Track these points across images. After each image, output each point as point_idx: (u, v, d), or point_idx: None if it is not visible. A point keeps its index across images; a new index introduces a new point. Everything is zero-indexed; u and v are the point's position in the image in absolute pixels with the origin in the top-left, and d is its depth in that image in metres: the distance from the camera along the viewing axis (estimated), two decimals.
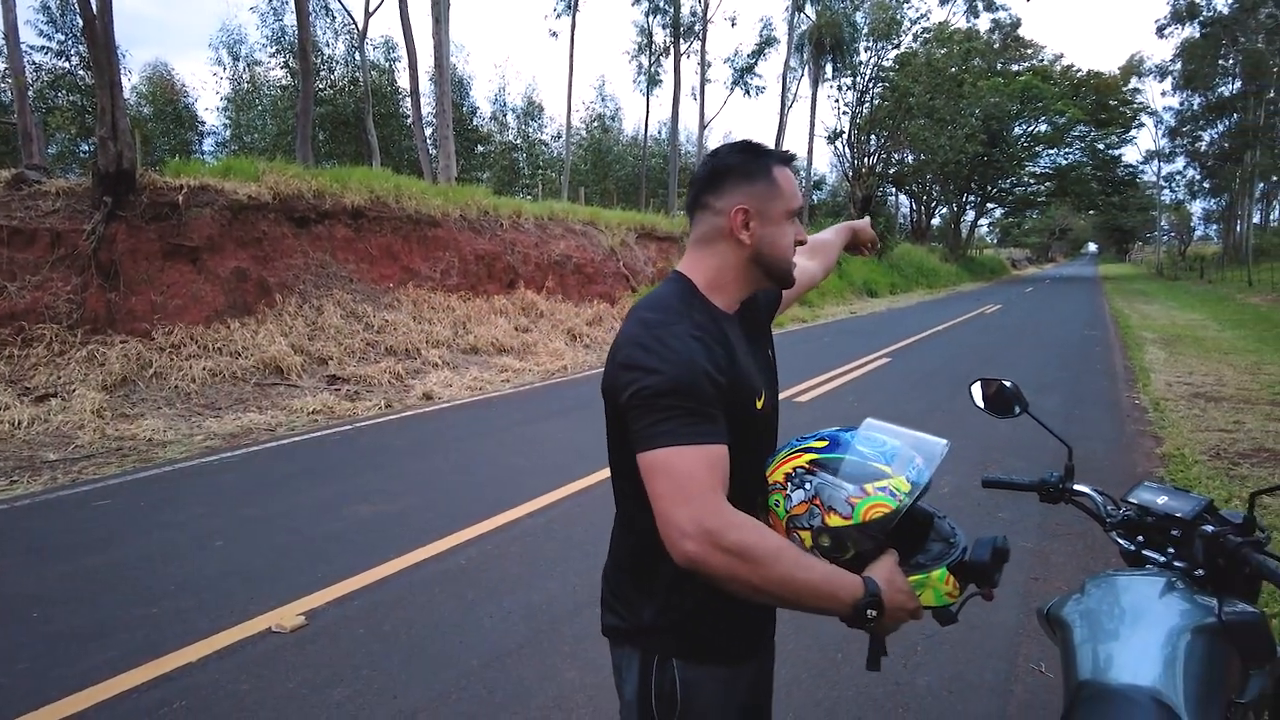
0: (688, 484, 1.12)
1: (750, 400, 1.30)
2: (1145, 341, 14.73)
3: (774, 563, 1.11)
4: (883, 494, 1.19)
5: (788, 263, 1.38)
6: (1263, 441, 6.77)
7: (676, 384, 1.17)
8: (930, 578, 1.23)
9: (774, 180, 1.33)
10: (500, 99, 36.23)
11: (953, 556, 1.25)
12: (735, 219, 1.31)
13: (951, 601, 1.26)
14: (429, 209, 12.78)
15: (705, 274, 1.36)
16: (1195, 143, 50.41)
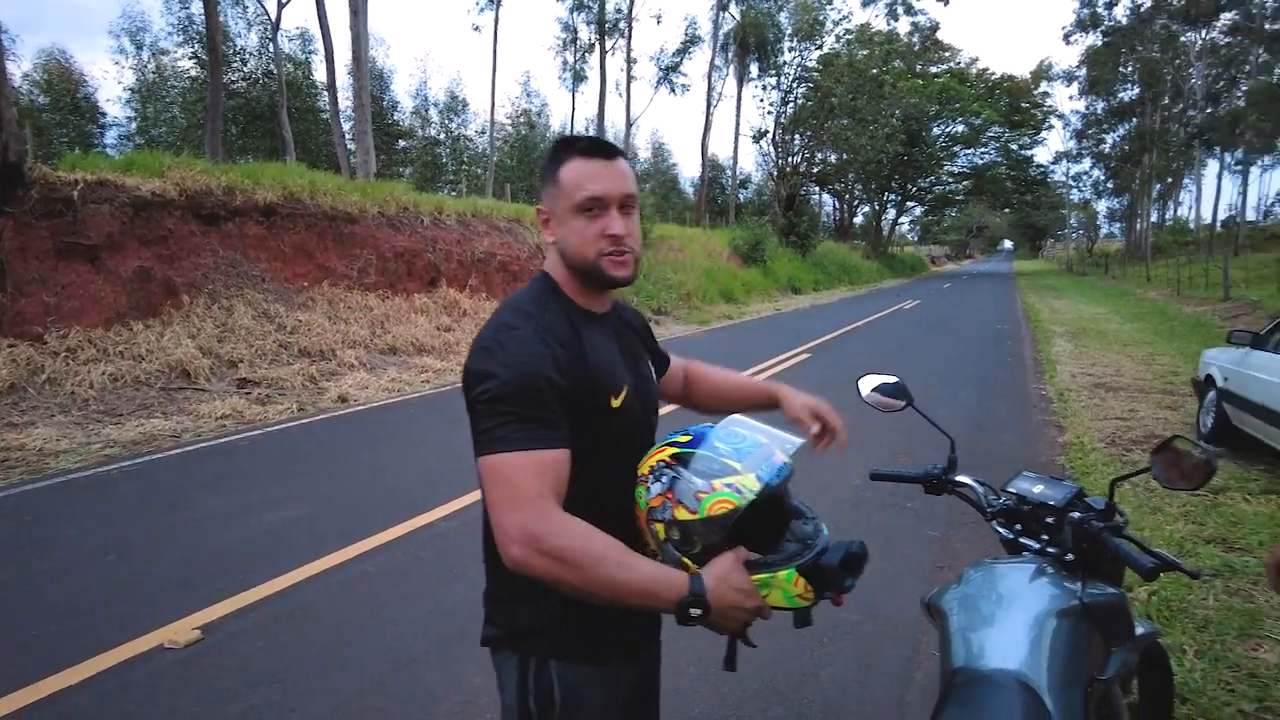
0: (516, 489, 1.13)
1: (604, 398, 1.28)
2: (1053, 335, 15.38)
3: (594, 566, 1.11)
4: (729, 490, 1.18)
5: (585, 260, 1.30)
6: (1153, 428, 7.13)
7: (512, 389, 1.17)
8: (776, 578, 1.21)
9: (558, 178, 1.30)
10: (422, 93, 35.60)
11: (803, 559, 1.23)
12: (540, 222, 1.36)
13: (803, 604, 1.24)
14: (346, 205, 12.44)
15: (556, 272, 1.37)
16: (1099, 145, 52.98)
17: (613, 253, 1.28)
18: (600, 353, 1.32)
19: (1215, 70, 37.16)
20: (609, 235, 1.28)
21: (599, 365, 1.29)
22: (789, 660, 3.10)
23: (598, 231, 1.28)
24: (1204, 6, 35.03)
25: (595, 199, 1.27)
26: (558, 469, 1.17)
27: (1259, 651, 3.17)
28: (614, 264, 1.30)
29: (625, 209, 1.30)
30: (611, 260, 1.29)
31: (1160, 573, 1.50)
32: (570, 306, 1.34)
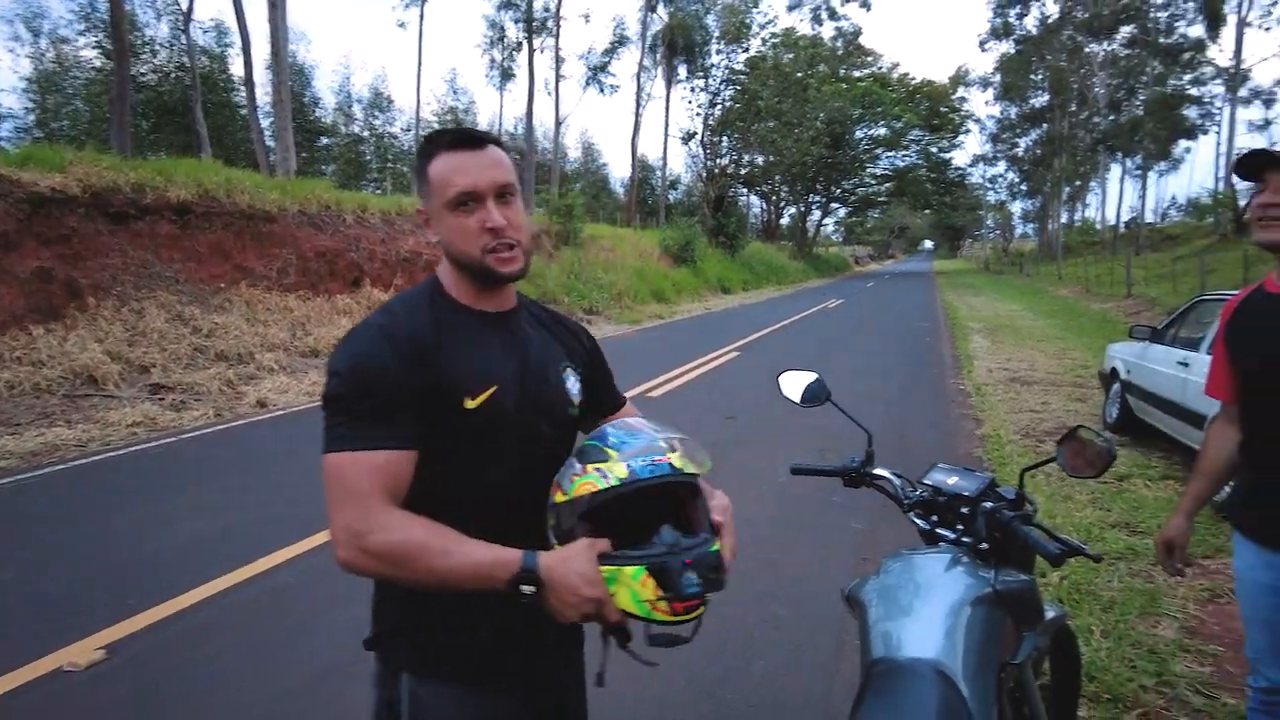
0: (344, 490, 1.13)
1: (457, 398, 1.21)
2: (971, 331, 15.93)
3: (417, 559, 1.11)
4: (596, 474, 1.16)
5: (471, 258, 1.24)
6: (1065, 420, 7.45)
7: (348, 387, 1.16)
8: (624, 573, 1.12)
9: (428, 176, 1.26)
10: (345, 90, 34.66)
11: (651, 555, 1.13)
12: (423, 224, 1.32)
13: (650, 612, 1.13)
14: (265, 204, 12.02)
15: (444, 272, 1.34)
16: (1013, 148, 55.12)
17: (496, 247, 1.22)
18: (463, 351, 1.25)
19: (1116, 80, 39.10)
20: (489, 229, 1.22)
21: (456, 364, 1.23)
22: (719, 658, 3.12)
23: (477, 227, 1.22)
24: (1105, 20, 36.86)
25: (466, 193, 1.21)
26: (393, 469, 1.15)
27: (1158, 629, 3.34)
28: (500, 260, 1.24)
29: (503, 199, 1.24)
30: (497, 257, 1.23)
31: (1066, 558, 1.56)
32: (448, 306, 1.29)
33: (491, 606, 1.17)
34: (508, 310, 1.36)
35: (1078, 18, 38.96)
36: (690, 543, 1.16)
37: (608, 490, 1.15)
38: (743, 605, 3.57)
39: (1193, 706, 2.79)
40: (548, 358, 1.39)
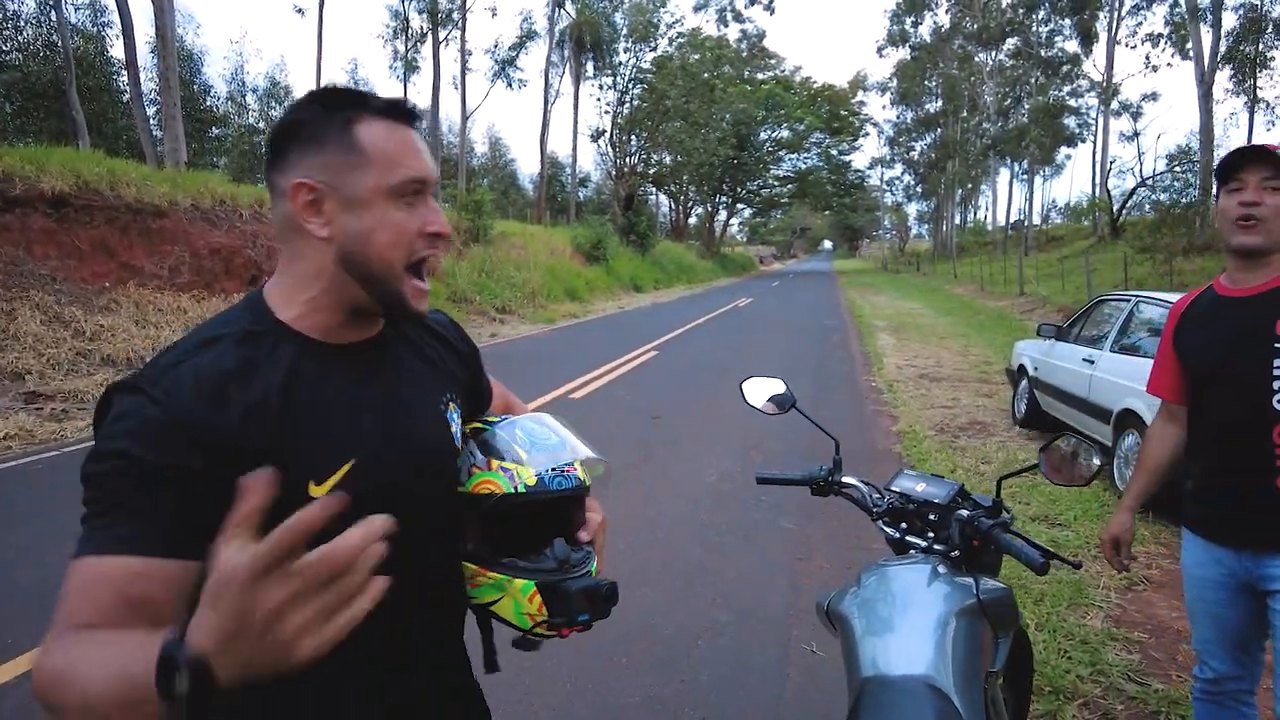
0: (57, 609, 0.77)
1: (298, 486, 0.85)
2: (877, 329, 16.43)
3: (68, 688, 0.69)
4: (503, 476, 1.06)
5: (388, 266, 0.90)
6: (975, 415, 7.73)
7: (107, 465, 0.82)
8: (514, 585, 1.05)
9: (356, 142, 0.88)
10: (239, 78, 33.00)
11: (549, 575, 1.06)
12: (298, 201, 0.88)
13: (530, 625, 1.06)
14: (153, 197, 11.25)
15: (281, 286, 0.94)
16: (909, 152, 57.44)
17: (424, 259, 0.94)
18: (310, 412, 0.90)
19: (1004, 89, 41.17)
20: (430, 233, 0.92)
21: (299, 434, 0.88)
22: (667, 667, 3.05)
23: (418, 229, 0.91)
24: (992, 32, 38.75)
25: (419, 181, 0.91)
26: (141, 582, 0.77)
27: (1087, 619, 3.45)
28: (418, 292, 0.94)
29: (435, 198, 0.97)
30: (416, 287, 0.94)
31: (1050, 566, 1.55)
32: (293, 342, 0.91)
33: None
34: (374, 336, 1.00)
35: (968, 28, 40.85)
36: (578, 558, 1.09)
37: (515, 496, 1.05)
38: (685, 614, 3.51)
39: (1127, 694, 2.88)
40: (426, 395, 1.06)
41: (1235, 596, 1.90)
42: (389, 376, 1.00)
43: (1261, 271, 1.81)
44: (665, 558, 4.14)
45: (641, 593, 3.70)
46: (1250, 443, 1.79)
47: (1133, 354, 5.39)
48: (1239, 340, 1.82)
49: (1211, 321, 1.91)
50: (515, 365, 11.01)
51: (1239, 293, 1.85)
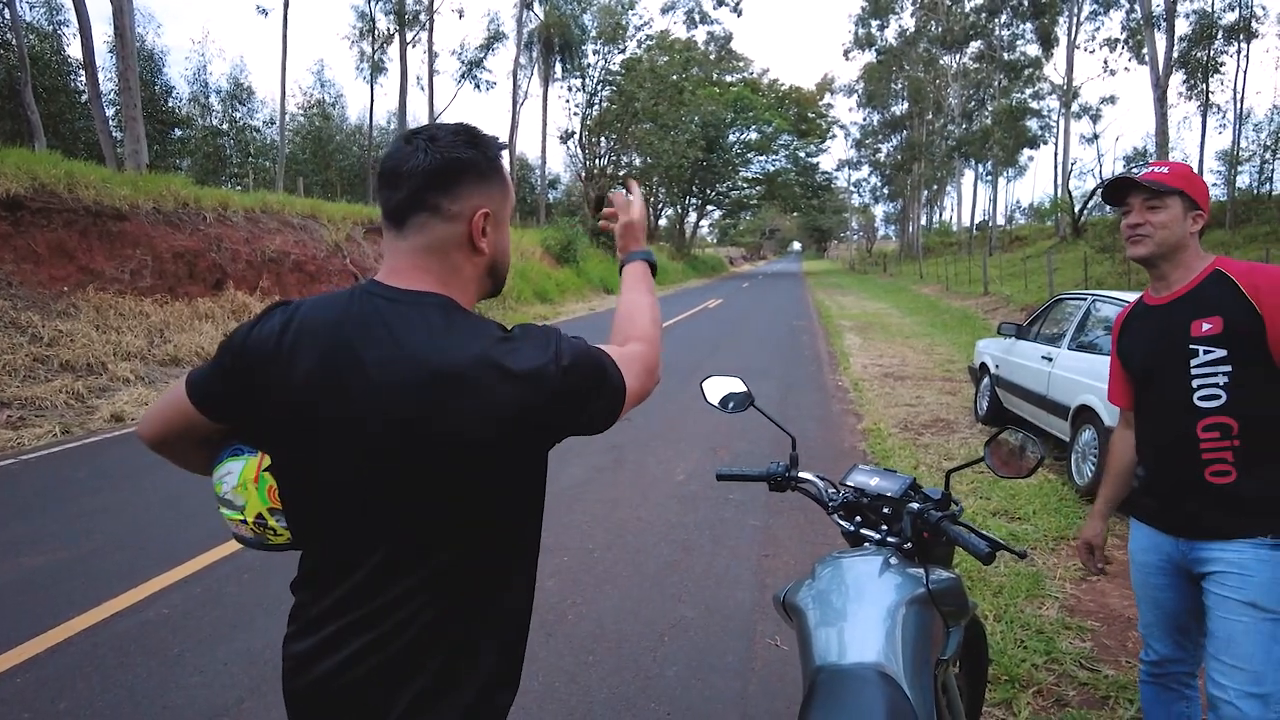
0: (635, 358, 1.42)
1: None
2: (844, 329, 16.61)
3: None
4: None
5: (505, 270, 1.25)
6: (939, 413, 7.87)
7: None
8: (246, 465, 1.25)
9: (505, 178, 1.18)
10: (201, 78, 32.38)
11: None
12: (477, 225, 1.11)
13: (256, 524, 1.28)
14: (114, 200, 11.05)
15: (459, 293, 1.14)
16: (876, 154, 58.16)
17: None
18: None
19: (968, 91, 41.83)
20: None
21: None
22: (632, 664, 3.08)
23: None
24: (956, 35, 39.33)
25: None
26: None
27: (1043, 609, 3.55)
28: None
29: None
30: None
31: (996, 555, 1.61)
32: None
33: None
34: None
35: (932, 32, 41.44)
36: None
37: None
38: (652, 611, 3.54)
39: (1079, 680, 2.97)
40: None
41: (1174, 581, 2.01)
42: None
43: (1172, 279, 1.96)
44: (634, 558, 4.17)
45: (610, 592, 3.74)
46: (1179, 439, 1.90)
47: (1089, 351, 5.53)
48: (1161, 345, 1.95)
49: (1141, 329, 2.05)
50: None
51: (1159, 300, 2.00)
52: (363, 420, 1.03)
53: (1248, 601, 1.80)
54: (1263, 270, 1.83)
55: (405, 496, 1.04)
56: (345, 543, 1.07)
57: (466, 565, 1.07)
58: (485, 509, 1.07)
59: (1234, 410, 1.82)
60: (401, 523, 1.05)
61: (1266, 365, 1.79)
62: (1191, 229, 1.91)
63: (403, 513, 1.05)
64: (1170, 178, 1.89)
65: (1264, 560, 1.79)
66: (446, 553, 1.06)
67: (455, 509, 1.05)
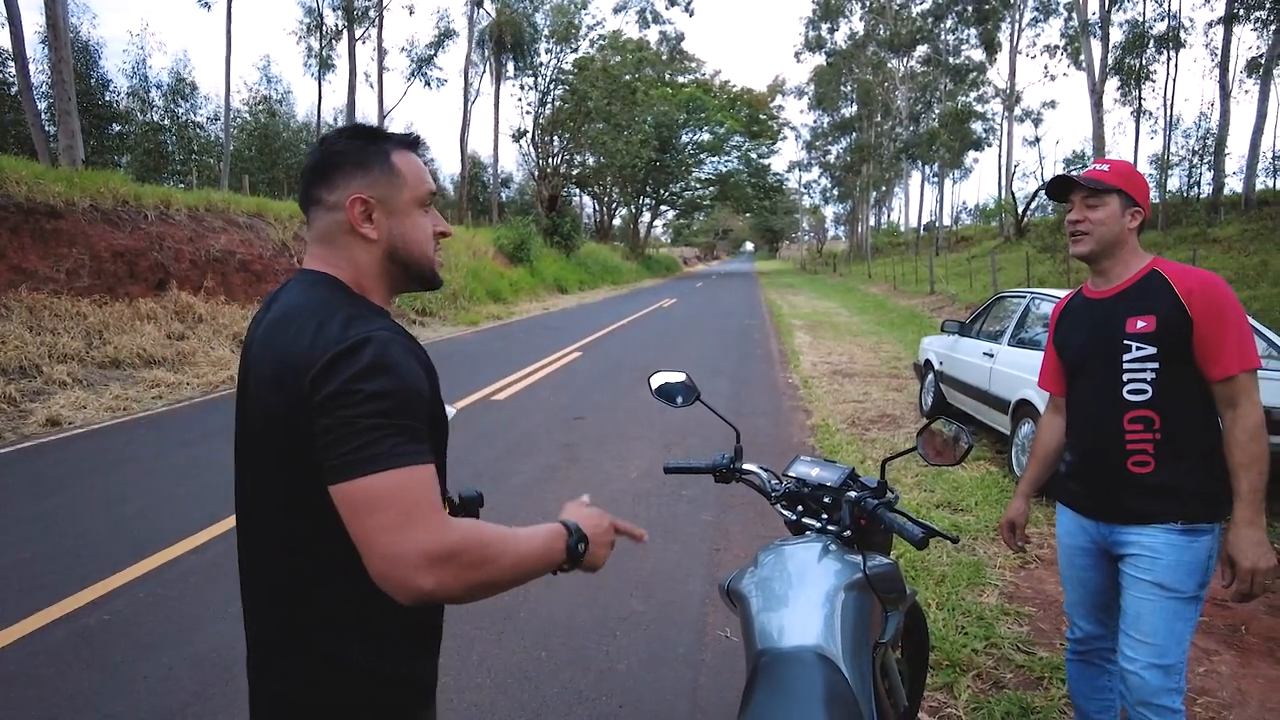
0: (407, 506, 0.99)
1: (442, 410, 1.21)
2: (794, 328, 16.83)
3: (498, 552, 1.05)
4: None
5: (424, 258, 1.24)
6: (885, 409, 8.04)
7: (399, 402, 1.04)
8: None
9: (393, 166, 1.19)
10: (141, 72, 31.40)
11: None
12: (351, 211, 1.16)
13: None
14: (47, 197, 10.68)
15: (348, 274, 1.20)
16: (826, 155, 59.00)
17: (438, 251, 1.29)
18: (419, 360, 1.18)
19: (916, 94, 42.71)
20: (439, 232, 1.27)
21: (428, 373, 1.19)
22: (584, 659, 3.11)
23: (431, 230, 1.26)
24: (904, 39, 40.16)
25: (432, 194, 1.25)
26: (435, 484, 1.05)
27: (983, 597, 3.67)
28: (438, 265, 1.30)
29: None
30: (437, 261, 1.29)
31: (929, 541, 1.68)
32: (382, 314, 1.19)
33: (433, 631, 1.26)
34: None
35: (881, 35, 42.20)
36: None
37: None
38: (604, 606, 3.57)
39: (1016, 663, 3.09)
40: None
41: (1097, 562, 2.11)
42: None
43: (1112, 275, 2.05)
44: None
45: (561, 590, 3.75)
46: (1107, 428, 2.00)
47: (1029, 348, 5.70)
48: (1097, 338, 2.04)
49: (1079, 320, 2.13)
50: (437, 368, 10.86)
51: (1098, 294, 2.09)
52: (245, 391, 1.18)
53: (1155, 582, 1.91)
54: (1196, 275, 1.93)
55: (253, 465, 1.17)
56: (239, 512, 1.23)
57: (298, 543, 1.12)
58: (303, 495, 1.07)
59: (1158, 405, 1.93)
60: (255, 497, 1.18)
61: (1190, 365, 1.90)
62: (1130, 225, 1.99)
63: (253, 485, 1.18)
64: (1110, 176, 1.98)
65: (1172, 544, 1.91)
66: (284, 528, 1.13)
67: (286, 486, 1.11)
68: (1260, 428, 1.86)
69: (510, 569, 1.05)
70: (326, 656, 1.12)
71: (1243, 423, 1.86)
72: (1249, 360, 1.86)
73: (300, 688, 1.14)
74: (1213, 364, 1.87)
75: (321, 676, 1.13)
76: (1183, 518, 1.91)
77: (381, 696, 1.14)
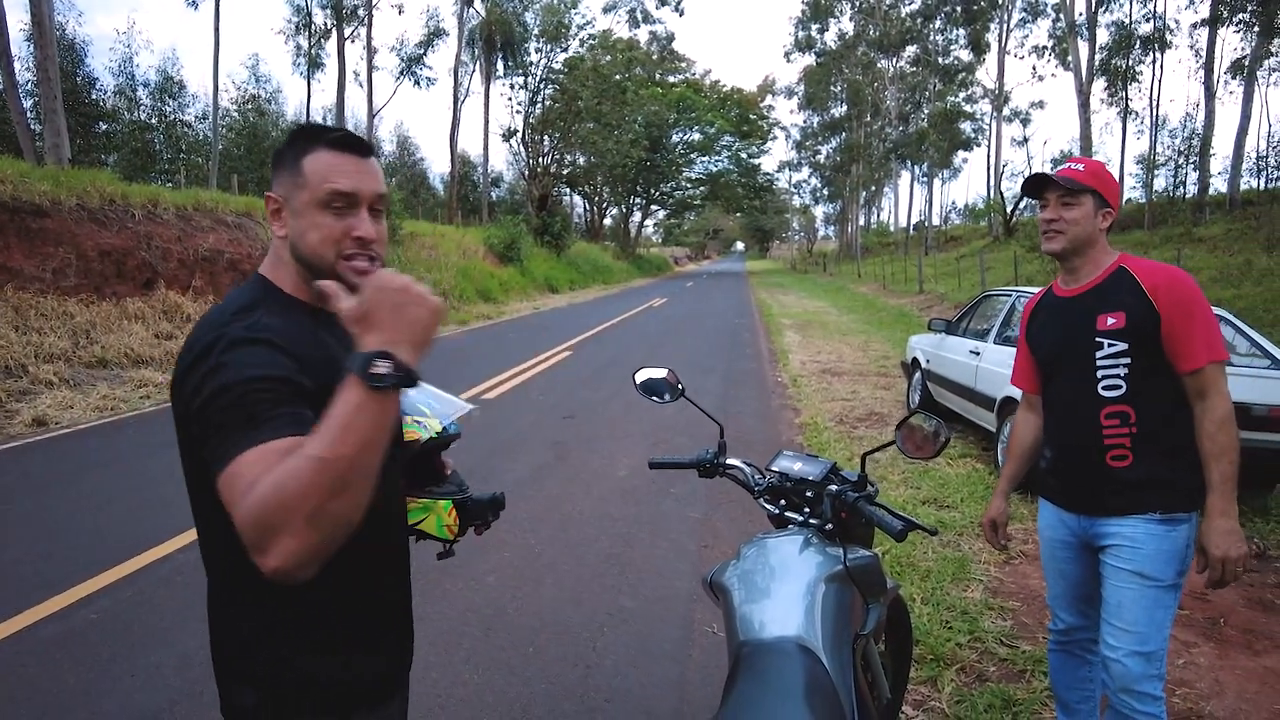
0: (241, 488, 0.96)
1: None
2: (784, 327, 16.89)
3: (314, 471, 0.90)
4: (417, 425, 1.42)
5: (320, 259, 1.16)
6: (873, 407, 8.08)
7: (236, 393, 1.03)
8: (437, 505, 1.46)
9: (300, 167, 1.17)
10: (128, 70, 31.19)
11: (461, 495, 1.51)
12: (268, 209, 1.23)
13: (449, 537, 1.49)
14: (33, 196, 10.61)
15: (274, 268, 1.24)
16: (816, 155, 59.04)
17: (357, 256, 1.17)
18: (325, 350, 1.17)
19: (905, 94, 42.84)
20: (355, 237, 1.16)
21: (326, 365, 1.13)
22: (571, 654, 3.13)
23: (343, 231, 1.16)
24: (893, 39, 40.30)
25: (344, 195, 1.16)
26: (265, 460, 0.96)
27: (968, 592, 3.71)
28: (354, 270, 1.16)
29: (375, 211, 1.20)
30: (351, 266, 1.16)
31: (908, 533, 1.71)
32: (293, 305, 1.21)
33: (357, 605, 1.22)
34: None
35: (870, 35, 42.32)
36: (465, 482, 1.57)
37: (430, 441, 1.42)
38: (592, 603, 3.59)
39: (999, 656, 3.12)
40: None
41: (1078, 554, 2.15)
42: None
43: (1082, 273, 2.09)
44: (575, 551, 4.22)
45: (550, 585, 3.77)
46: (1084, 424, 2.04)
47: (1014, 346, 5.75)
48: (1069, 336, 2.08)
49: (1050, 318, 2.18)
50: (426, 366, 10.83)
51: (1068, 293, 2.13)
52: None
53: (1136, 571, 1.95)
54: (1162, 271, 1.97)
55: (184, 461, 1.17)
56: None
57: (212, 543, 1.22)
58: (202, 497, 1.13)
59: (1132, 400, 1.96)
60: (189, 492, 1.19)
61: (1162, 359, 1.94)
62: (1101, 225, 2.04)
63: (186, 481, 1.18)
64: (1084, 176, 2.02)
65: (1152, 534, 1.95)
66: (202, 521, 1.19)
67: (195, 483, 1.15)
68: (1229, 418, 1.89)
69: (332, 474, 0.90)
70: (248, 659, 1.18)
71: (1212, 414, 1.90)
72: (1216, 352, 1.90)
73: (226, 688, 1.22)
74: (1181, 357, 1.91)
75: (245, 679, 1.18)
76: (1161, 508, 1.95)
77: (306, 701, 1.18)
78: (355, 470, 0.92)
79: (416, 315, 1.01)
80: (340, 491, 0.90)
